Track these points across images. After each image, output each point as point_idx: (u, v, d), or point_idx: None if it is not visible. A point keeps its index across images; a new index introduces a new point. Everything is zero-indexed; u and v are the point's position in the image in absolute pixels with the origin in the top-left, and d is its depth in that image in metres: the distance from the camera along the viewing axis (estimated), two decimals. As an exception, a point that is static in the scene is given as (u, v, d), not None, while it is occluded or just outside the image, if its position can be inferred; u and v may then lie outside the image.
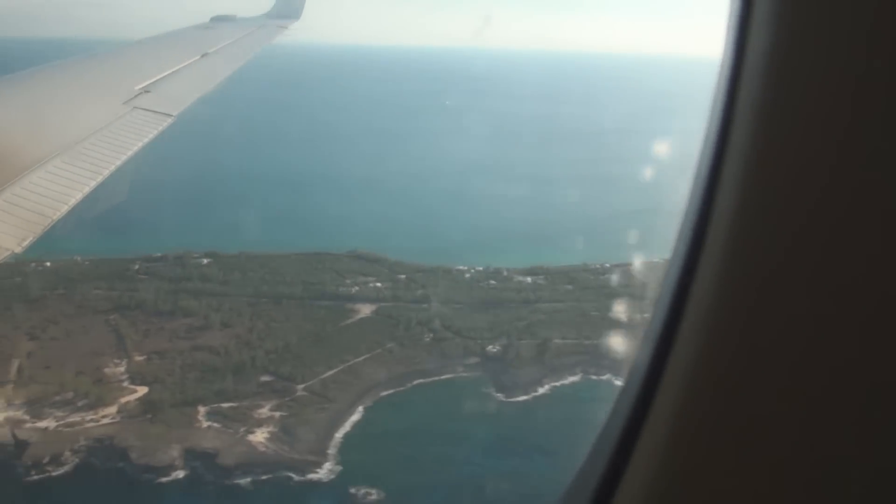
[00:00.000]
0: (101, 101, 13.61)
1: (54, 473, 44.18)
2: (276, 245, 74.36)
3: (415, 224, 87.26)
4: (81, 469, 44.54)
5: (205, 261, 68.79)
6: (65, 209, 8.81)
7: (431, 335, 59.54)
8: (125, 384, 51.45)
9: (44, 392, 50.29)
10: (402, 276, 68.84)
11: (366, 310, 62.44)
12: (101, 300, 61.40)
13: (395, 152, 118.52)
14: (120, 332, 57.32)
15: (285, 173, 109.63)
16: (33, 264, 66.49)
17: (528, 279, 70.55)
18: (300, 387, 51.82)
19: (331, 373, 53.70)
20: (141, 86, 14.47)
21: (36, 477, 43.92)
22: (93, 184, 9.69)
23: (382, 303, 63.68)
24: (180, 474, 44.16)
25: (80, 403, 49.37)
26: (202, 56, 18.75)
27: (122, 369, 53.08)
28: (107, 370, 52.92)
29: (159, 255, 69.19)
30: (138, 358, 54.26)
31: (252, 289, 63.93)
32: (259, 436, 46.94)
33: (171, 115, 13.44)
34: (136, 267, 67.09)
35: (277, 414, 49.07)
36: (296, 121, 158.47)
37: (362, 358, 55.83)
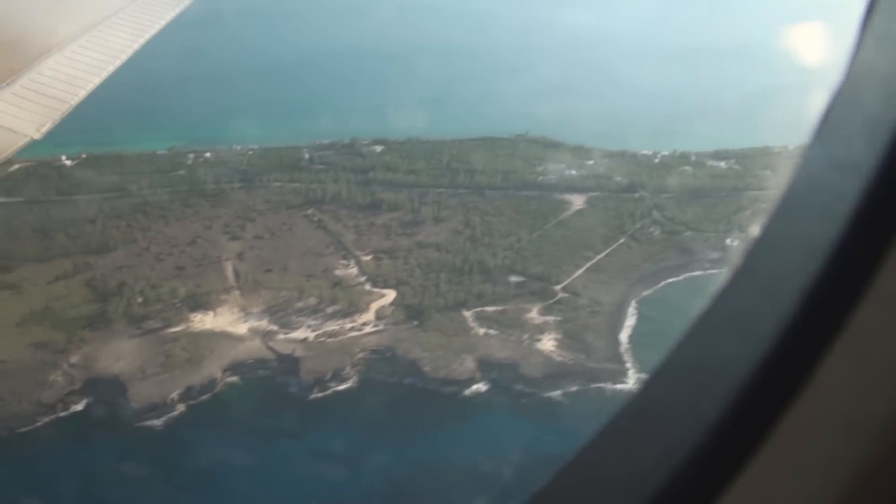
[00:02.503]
0: None
1: (339, 388, 39.59)
2: (428, 130, 67.43)
3: (562, 104, 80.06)
4: (367, 384, 39.93)
5: (377, 148, 61.92)
6: (83, 94, 9.90)
7: (660, 228, 54.52)
8: (367, 287, 46.14)
9: (280, 298, 44.97)
10: (591, 162, 62.81)
11: (577, 200, 56.83)
12: (288, 193, 54.97)
13: (506, 28, 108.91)
14: (327, 228, 51.40)
15: (396, 54, 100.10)
16: (192, 155, 59.41)
17: (722, 164, 64.99)
18: (557, 288, 46.93)
19: (580, 272, 48.78)
20: None
21: (319, 395, 39.32)
22: (111, 68, 10.63)
23: (590, 192, 57.99)
24: (482, 388, 39.76)
25: (329, 310, 44.22)
26: None
27: (353, 271, 47.64)
28: (338, 272, 47.48)
29: (327, 142, 62.01)
30: (364, 258, 48.69)
31: (447, 179, 57.71)
32: (547, 343, 42.39)
33: None
34: (307, 156, 60.04)
35: (551, 318, 44.35)
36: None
37: (602, 255, 50.82)
